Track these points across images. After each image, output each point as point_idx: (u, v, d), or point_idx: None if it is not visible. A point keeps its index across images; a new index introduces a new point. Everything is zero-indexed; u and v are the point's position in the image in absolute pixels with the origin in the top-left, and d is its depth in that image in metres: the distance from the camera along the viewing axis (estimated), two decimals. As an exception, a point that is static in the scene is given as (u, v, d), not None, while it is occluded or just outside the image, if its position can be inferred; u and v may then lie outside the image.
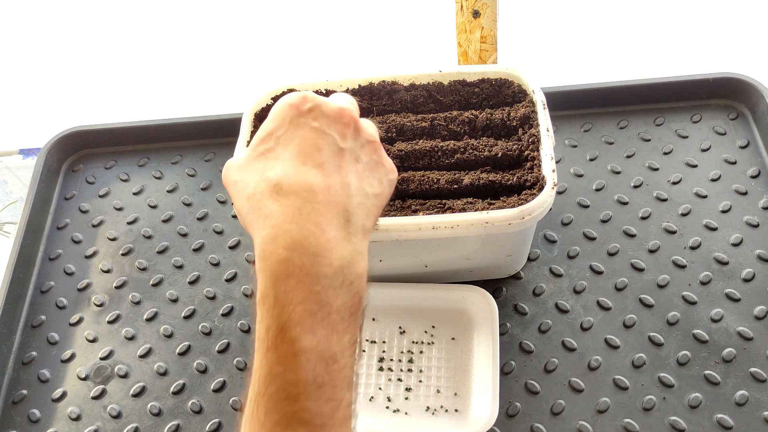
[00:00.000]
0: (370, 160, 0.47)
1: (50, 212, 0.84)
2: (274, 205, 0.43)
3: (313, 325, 0.41)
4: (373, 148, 0.48)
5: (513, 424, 0.64)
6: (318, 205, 0.42)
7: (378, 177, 0.47)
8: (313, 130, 0.45)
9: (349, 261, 0.42)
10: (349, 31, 1.33)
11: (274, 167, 0.44)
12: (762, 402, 0.63)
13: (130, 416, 0.69)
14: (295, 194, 0.42)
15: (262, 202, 0.43)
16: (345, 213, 0.44)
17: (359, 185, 0.45)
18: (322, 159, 0.44)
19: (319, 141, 0.45)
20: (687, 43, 1.25)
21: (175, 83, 1.35)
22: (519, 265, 0.72)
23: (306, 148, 0.44)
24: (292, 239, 0.41)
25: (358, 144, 0.47)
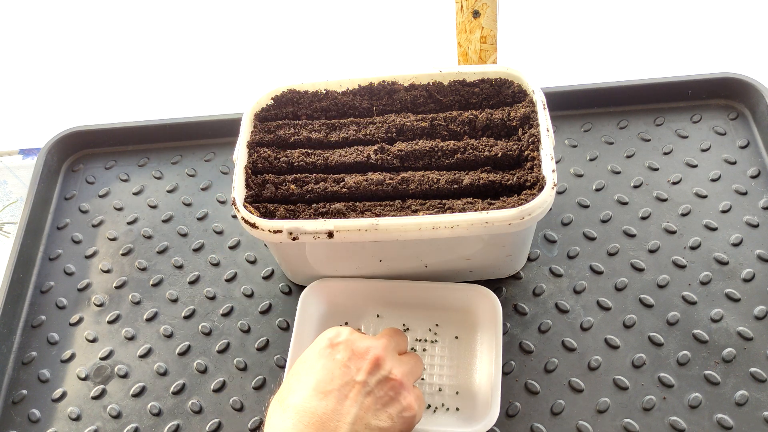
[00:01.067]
0: (385, 395, 0.53)
1: (50, 212, 0.84)
2: (278, 420, 0.51)
3: None
4: (391, 386, 0.53)
5: (513, 424, 0.64)
6: (311, 425, 0.50)
7: (390, 412, 0.53)
8: (333, 362, 0.53)
9: None
10: (349, 31, 1.33)
11: (293, 389, 0.53)
12: (762, 402, 0.63)
13: (130, 416, 0.69)
14: (296, 413, 0.51)
15: (271, 413, 0.53)
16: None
17: (363, 416, 0.51)
18: (332, 387, 0.52)
19: (336, 371, 0.53)
20: (687, 43, 1.25)
21: (175, 83, 1.35)
22: (519, 265, 0.72)
23: (322, 376, 0.52)
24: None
25: (374, 379, 0.53)
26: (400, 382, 0.54)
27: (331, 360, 0.53)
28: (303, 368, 0.54)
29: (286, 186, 0.66)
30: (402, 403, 0.53)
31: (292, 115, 0.72)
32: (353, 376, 0.52)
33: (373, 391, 0.52)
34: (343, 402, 0.51)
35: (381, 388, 0.53)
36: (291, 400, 0.52)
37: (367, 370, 0.53)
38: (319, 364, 0.53)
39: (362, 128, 0.69)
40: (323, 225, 0.60)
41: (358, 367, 0.53)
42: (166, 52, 1.36)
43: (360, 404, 0.51)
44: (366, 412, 0.51)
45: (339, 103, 0.71)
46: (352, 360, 0.53)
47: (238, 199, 0.63)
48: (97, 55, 1.37)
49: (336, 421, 0.50)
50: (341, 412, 0.51)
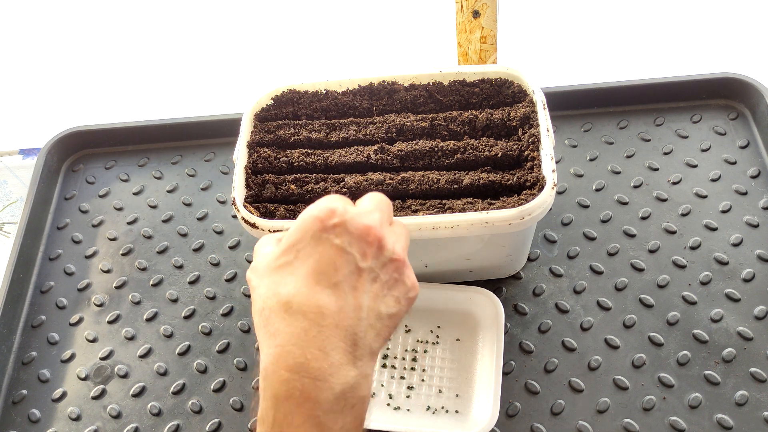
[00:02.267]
0: (390, 278, 0.47)
1: (50, 212, 0.84)
2: (281, 323, 0.43)
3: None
4: (395, 266, 0.47)
5: (513, 424, 0.64)
6: (325, 328, 0.42)
7: (396, 295, 0.47)
8: (333, 248, 0.44)
9: (352, 385, 0.42)
10: (349, 31, 1.33)
11: (288, 283, 0.44)
12: (762, 402, 0.63)
13: (130, 416, 0.69)
14: (303, 315, 0.43)
15: (271, 318, 0.43)
16: (353, 336, 0.43)
17: (373, 306, 0.45)
18: (337, 279, 0.44)
19: (338, 259, 0.44)
20: (687, 43, 1.25)
21: (175, 83, 1.35)
22: (519, 265, 0.72)
23: (323, 266, 0.44)
24: (295, 362, 0.41)
25: (379, 263, 0.46)
26: (402, 261, 0.47)
27: (329, 246, 0.44)
28: (295, 259, 0.45)
29: (286, 186, 0.66)
30: (407, 284, 0.47)
31: (292, 115, 0.72)
32: (357, 263, 0.45)
33: (378, 277, 0.46)
34: (353, 293, 0.44)
35: (386, 271, 0.46)
36: (293, 299, 0.43)
37: (371, 254, 0.45)
38: (316, 253, 0.44)
39: (362, 128, 0.69)
40: (323, 225, 0.60)
41: (361, 252, 0.45)
42: (166, 52, 1.36)
43: (369, 293, 0.45)
44: (375, 300, 0.45)
45: (339, 103, 0.71)
46: (352, 244, 0.45)
47: (238, 199, 0.63)
48: (97, 55, 1.37)
49: (350, 318, 0.44)
50: (354, 306, 0.44)
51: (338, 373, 0.42)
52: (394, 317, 0.46)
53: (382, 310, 0.45)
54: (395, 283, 0.47)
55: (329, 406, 0.42)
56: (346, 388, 0.42)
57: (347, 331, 0.43)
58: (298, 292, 0.43)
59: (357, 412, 0.43)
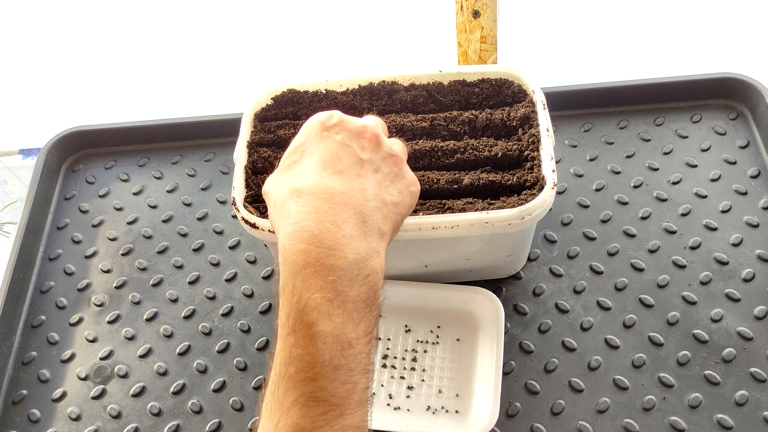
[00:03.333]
0: (391, 172, 0.51)
1: (50, 212, 0.84)
2: (294, 206, 0.47)
3: (329, 310, 0.44)
4: (394, 162, 0.51)
5: (513, 424, 0.64)
6: (335, 205, 0.46)
7: (398, 187, 0.51)
8: (335, 142, 0.49)
9: (363, 256, 0.46)
10: (349, 31, 1.33)
11: (298, 175, 0.49)
12: (762, 402, 0.63)
13: (130, 416, 0.69)
14: (314, 195, 0.47)
15: (285, 204, 0.48)
16: (361, 214, 0.47)
17: (377, 192, 0.49)
18: (342, 167, 0.48)
19: (341, 151, 0.49)
20: (687, 43, 1.25)
21: (175, 83, 1.35)
22: (519, 265, 0.72)
23: (328, 157, 0.49)
24: (310, 234, 0.45)
25: (378, 156, 0.50)
26: (400, 158, 0.52)
27: (331, 141, 0.50)
28: (301, 156, 0.50)
29: (286, 186, 0.66)
30: (407, 178, 0.52)
31: (292, 115, 0.72)
32: (358, 155, 0.50)
33: (380, 168, 0.50)
34: (358, 179, 0.48)
35: (386, 164, 0.51)
36: (303, 185, 0.48)
37: (370, 147, 0.50)
38: (320, 147, 0.50)
39: (362, 128, 0.69)
40: (323, 225, 0.60)
41: (360, 146, 0.50)
42: (166, 52, 1.36)
43: (372, 180, 0.49)
44: (379, 187, 0.49)
45: (339, 103, 0.71)
46: (352, 139, 0.50)
47: (238, 199, 0.63)
48: (97, 55, 1.37)
49: (357, 198, 0.47)
50: (359, 189, 0.48)
51: (350, 244, 0.45)
52: (399, 206, 0.50)
53: (386, 198, 0.49)
54: (396, 177, 0.51)
55: (344, 273, 0.44)
56: (358, 258, 0.45)
57: (355, 209, 0.47)
58: (307, 179, 0.48)
59: (371, 283, 0.46)
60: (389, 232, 0.49)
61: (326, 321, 0.43)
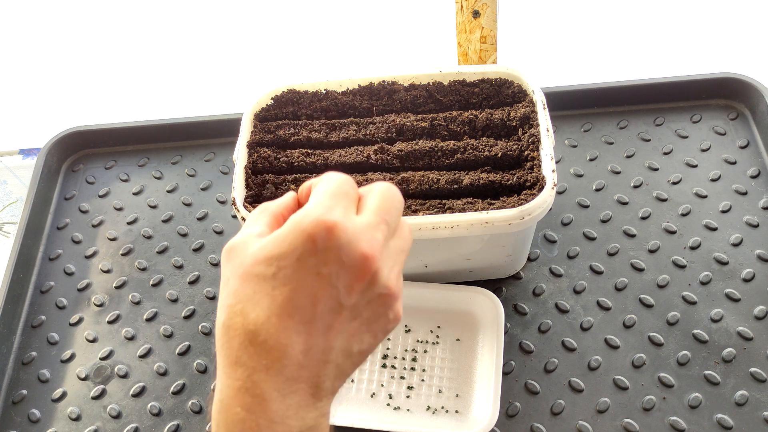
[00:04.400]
0: (373, 314, 0.41)
1: (50, 212, 0.84)
2: (243, 353, 0.39)
3: None
4: (382, 301, 0.41)
5: (513, 424, 0.64)
6: (287, 368, 0.39)
7: (374, 331, 0.42)
8: (317, 277, 0.39)
9: (310, 426, 0.40)
10: (349, 31, 1.33)
11: (259, 306, 0.39)
12: (762, 402, 0.63)
13: (130, 416, 0.69)
14: (268, 351, 0.38)
15: (233, 342, 0.39)
16: (316, 379, 0.40)
17: (345, 346, 0.40)
18: (313, 315, 0.39)
19: (319, 292, 0.39)
20: (687, 43, 1.25)
21: (175, 83, 1.35)
22: (519, 265, 0.72)
23: (301, 297, 0.39)
24: (253, 400, 0.38)
25: (365, 299, 0.40)
26: (393, 295, 0.41)
27: (314, 275, 0.38)
28: (274, 277, 0.39)
29: (286, 186, 0.66)
30: (389, 317, 0.42)
31: (292, 115, 0.72)
32: (341, 300, 0.39)
33: (360, 314, 0.40)
34: (326, 335, 0.39)
35: (371, 308, 0.41)
36: (261, 328, 0.38)
37: (359, 289, 0.40)
38: (298, 278, 0.38)
39: (362, 128, 0.69)
40: (323, 225, 0.60)
41: (348, 287, 0.39)
42: (166, 52, 1.36)
43: (345, 333, 0.40)
44: (349, 340, 0.40)
45: (339, 103, 0.71)
46: (340, 277, 0.39)
47: (238, 199, 0.63)
48: (97, 55, 1.37)
49: (316, 360, 0.39)
50: (323, 348, 0.39)
51: (296, 415, 0.39)
52: (364, 352, 0.42)
53: (354, 348, 0.41)
54: (377, 318, 0.42)
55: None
56: (303, 429, 0.39)
57: (311, 373, 0.39)
58: (267, 322, 0.38)
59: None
60: (341, 385, 0.42)
61: None
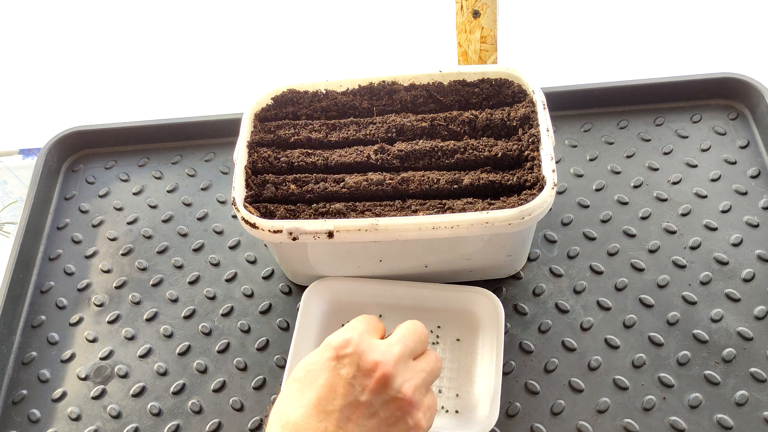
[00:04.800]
0: (391, 416, 0.49)
1: (50, 212, 0.84)
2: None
3: None
4: (398, 405, 0.49)
5: (513, 424, 0.64)
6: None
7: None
8: (338, 377, 0.49)
9: None
10: (349, 31, 1.33)
11: (292, 401, 0.50)
12: (762, 402, 0.63)
13: (130, 416, 0.69)
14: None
15: (273, 424, 0.50)
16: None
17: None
18: (333, 407, 0.48)
19: (340, 389, 0.49)
20: (687, 43, 1.25)
21: (175, 83, 1.35)
22: (519, 265, 0.72)
23: (324, 393, 0.49)
24: None
25: (380, 400, 0.49)
26: (408, 401, 0.50)
27: (334, 375, 0.49)
28: (305, 378, 0.51)
29: (286, 186, 0.66)
30: (409, 423, 0.50)
31: (292, 115, 0.72)
32: (357, 396, 0.49)
33: (377, 413, 0.49)
34: (345, 425, 0.48)
35: (387, 409, 0.49)
36: (290, 416, 0.49)
37: (372, 389, 0.49)
38: (322, 378, 0.50)
39: (362, 128, 0.69)
40: (323, 225, 0.60)
41: (363, 386, 0.49)
42: (166, 52, 1.36)
43: (362, 426, 0.48)
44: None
45: (339, 103, 0.71)
46: (357, 377, 0.49)
47: (238, 199, 0.63)
48: (97, 55, 1.37)
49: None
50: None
51: None
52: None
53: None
54: (396, 421, 0.49)
55: None
56: None
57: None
58: (296, 413, 0.49)
59: None
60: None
61: None
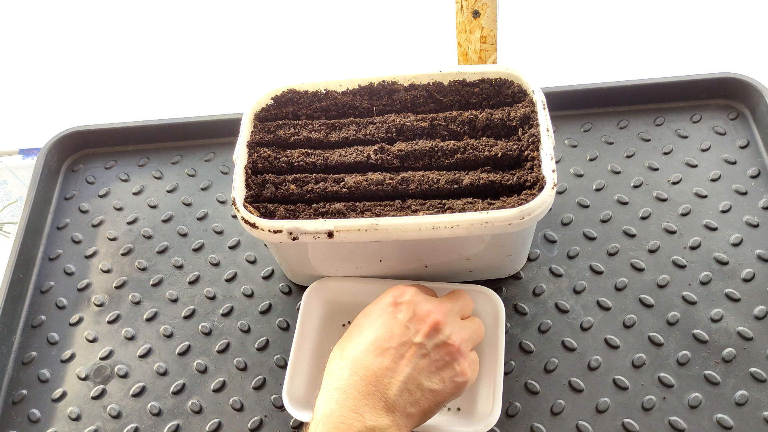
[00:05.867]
0: (440, 359, 0.55)
1: (50, 212, 0.84)
2: (337, 369, 0.54)
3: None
4: (447, 351, 0.55)
5: (513, 424, 0.64)
6: (365, 378, 0.53)
7: (443, 376, 0.55)
8: (395, 320, 0.56)
9: (382, 426, 0.51)
10: (349, 31, 1.33)
11: (352, 341, 0.56)
12: (762, 402, 0.63)
13: (130, 416, 0.69)
14: (353, 365, 0.54)
15: (332, 363, 0.56)
16: (387, 392, 0.52)
17: (415, 376, 0.53)
18: (389, 345, 0.54)
19: (396, 330, 0.55)
20: (687, 43, 1.25)
21: (175, 83, 1.35)
22: (519, 265, 0.72)
23: (381, 334, 0.55)
24: (341, 396, 0.52)
25: (431, 343, 0.55)
26: (457, 348, 0.55)
27: (392, 318, 0.55)
28: (365, 322, 0.57)
29: (286, 186, 0.66)
30: (456, 369, 0.55)
31: (292, 115, 0.72)
32: (411, 338, 0.54)
33: (429, 354, 0.54)
34: (399, 361, 0.53)
35: (437, 352, 0.55)
36: (350, 352, 0.54)
37: (425, 333, 0.55)
38: (380, 321, 0.56)
39: (362, 128, 0.69)
40: (323, 225, 0.60)
41: (417, 329, 0.55)
42: (166, 52, 1.36)
43: (414, 365, 0.53)
44: (419, 373, 0.53)
45: (339, 103, 0.71)
46: (412, 321, 0.55)
47: (238, 199, 0.63)
48: (97, 55, 1.37)
49: (389, 378, 0.52)
50: (395, 370, 0.53)
51: (370, 413, 0.51)
52: (436, 393, 0.54)
53: (425, 384, 0.54)
54: (445, 365, 0.55)
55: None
56: (376, 426, 0.51)
57: (383, 387, 0.52)
58: (355, 350, 0.55)
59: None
60: (417, 415, 0.54)
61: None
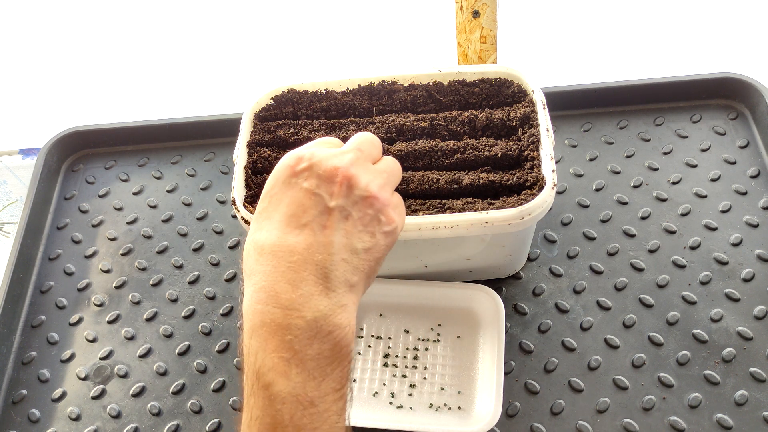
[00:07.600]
0: (364, 215, 0.48)
1: (50, 212, 0.84)
2: (255, 264, 0.47)
3: (286, 370, 0.43)
4: (368, 203, 0.48)
5: (513, 424, 0.64)
6: (293, 264, 0.45)
7: (371, 230, 0.48)
8: (302, 191, 0.47)
9: (324, 313, 0.45)
10: (349, 31, 1.33)
11: (263, 229, 0.48)
12: (762, 402, 0.63)
13: (130, 416, 0.69)
14: (273, 254, 0.46)
15: (248, 261, 0.48)
16: (323, 270, 0.46)
17: (346, 242, 0.47)
18: (306, 219, 0.47)
19: (307, 201, 0.47)
20: (687, 43, 1.25)
21: (175, 83, 1.35)
22: (519, 265, 0.72)
23: (293, 209, 0.47)
24: (267, 294, 0.45)
25: (349, 201, 0.48)
26: (377, 198, 0.49)
27: (298, 190, 0.48)
28: (269, 204, 0.49)
29: (286, 186, 0.65)
30: (382, 219, 0.49)
31: (292, 115, 0.72)
32: (326, 203, 0.47)
33: (351, 214, 0.48)
34: (323, 232, 0.46)
35: (358, 209, 0.48)
36: (265, 241, 0.47)
37: (339, 193, 0.47)
38: (287, 197, 0.48)
39: (362, 128, 0.69)
40: (323, 225, 0.60)
41: (329, 192, 0.47)
42: (166, 52, 1.36)
43: (340, 230, 0.47)
44: (348, 237, 0.47)
45: (339, 103, 0.71)
46: (320, 186, 0.47)
47: (238, 199, 0.63)
48: (97, 55, 1.37)
49: (320, 254, 0.46)
50: (323, 243, 0.46)
51: (309, 302, 0.45)
52: (371, 251, 0.48)
53: (357, 246, 0.47)
54: (371, 220, 0.48)
55: (301, 332, 0.44)
56: (318, 315, 0.44)
57: (317, 266, 0.46)
58: (270, 236, 0.47)
59: (335, 339, 0.45)
60: (361, 281, 0.48)
61: (284, 381, 0.43)
